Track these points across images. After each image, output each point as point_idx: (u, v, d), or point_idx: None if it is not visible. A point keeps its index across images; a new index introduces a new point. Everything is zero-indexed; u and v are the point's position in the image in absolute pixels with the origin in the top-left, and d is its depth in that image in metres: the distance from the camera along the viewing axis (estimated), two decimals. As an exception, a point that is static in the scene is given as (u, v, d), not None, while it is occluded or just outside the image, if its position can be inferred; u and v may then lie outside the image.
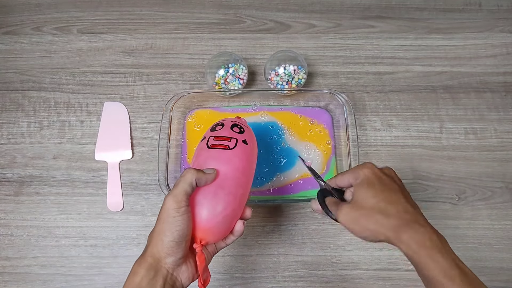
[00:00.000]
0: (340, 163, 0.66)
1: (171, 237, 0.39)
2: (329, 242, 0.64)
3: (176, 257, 0.40)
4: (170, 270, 0.40)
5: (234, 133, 0.48)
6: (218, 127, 0.50)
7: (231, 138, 0.47)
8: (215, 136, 0.48)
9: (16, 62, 0.75)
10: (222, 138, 0.47)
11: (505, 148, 0.69)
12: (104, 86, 0.73)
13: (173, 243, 0.39)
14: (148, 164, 0.68)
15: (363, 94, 0.72)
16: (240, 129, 0.50)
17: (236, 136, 0.48)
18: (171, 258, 0.40)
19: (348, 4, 0.79)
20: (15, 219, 0.65)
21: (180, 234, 0.40)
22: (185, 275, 0.41)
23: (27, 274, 0.63)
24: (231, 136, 0.48)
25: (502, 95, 0.72)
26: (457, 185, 0.67)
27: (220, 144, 0.46)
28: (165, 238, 0.40)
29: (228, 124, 0.50)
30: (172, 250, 0.40)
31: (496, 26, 0.77)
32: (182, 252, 0.40)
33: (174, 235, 0.39)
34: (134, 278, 0.39)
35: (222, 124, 0.50)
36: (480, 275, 0.62)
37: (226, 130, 0.49)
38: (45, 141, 0.70)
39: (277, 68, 0.68)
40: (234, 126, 0.50)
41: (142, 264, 0.40)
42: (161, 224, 0.40)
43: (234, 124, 0.50)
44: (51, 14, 0.78)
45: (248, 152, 0.48)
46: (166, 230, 0.40)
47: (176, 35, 0.77)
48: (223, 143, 0.46)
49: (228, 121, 0.51)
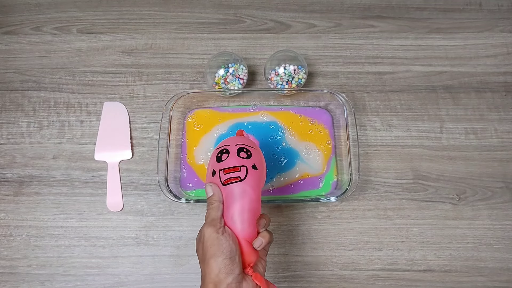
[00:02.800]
0: (340, 163, 0.66)
1: (223, 256, 0.41)
2: (329, 242, 0.64)
3: (234, 273, 0.41)
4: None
5: (242, 160, 0.46)
6: (224, 156, 0.47)
7: (240, 167, 0.45)
8: (224, 169, 0.46)
9: (16, 62, 0.75)
10: (231, 169, 0.45)
11: (506, 148, 0.69)
12: (104, 86, 0.73)
13: (228, 261, 0.41)
14: (148, 164, 0.68)
15: (363, 94, 0.72)
16: (247, 153, 0.47)
17: (244, 163, 0.46)
18: (231, 276, 0.41)
19: (348, 4, 0.79)
20: (15, 219, 0.65)
21: (229, 250, 0.42)
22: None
23: (27, 274, 0.62)
24: (240, 164, 0.46)
25: (502, 95, 0.72)
26: (457, 185, 0.67)
27: (232, 178, 0.45)
28: (218, 259, 0.41)
29: (234, 150, 0.47)
30: (229, 268, 0.41)
31: (497, 26, 0.77)
32: (239, 268, 0.42)
33: (225, 253, 0.42)
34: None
35: (227, 151, 0.47)
36: (480, 275, 0.62)
37: (233, 158, 0.46)
38: (45, 141, 0.70)
39: (277, 68, 0.68)
40: (241, 151, 0.47)
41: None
42: (209, 250, 0.42)
43: (240, 149, 0.47)
44: (51, 14, 0.78)
45: (258, 177, 0.47)
46: (216, 252, 0.42)
47: (176, 35, 0.77)
48: (234, 175, 0.45)
49: (233, 146, 0.47)
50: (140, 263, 0.63)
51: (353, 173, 0.61)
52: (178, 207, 0.66)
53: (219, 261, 0.41)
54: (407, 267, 0.62)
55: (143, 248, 0.64)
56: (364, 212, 0.65)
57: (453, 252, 0.63)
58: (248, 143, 0.49)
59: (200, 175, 0.66)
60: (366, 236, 0.64)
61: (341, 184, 0.64)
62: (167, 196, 0.60)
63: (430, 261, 0.63)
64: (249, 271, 0.43)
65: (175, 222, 0.65)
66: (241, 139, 0.50)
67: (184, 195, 0.64)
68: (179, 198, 0.61)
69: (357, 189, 0.66)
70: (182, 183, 0.66)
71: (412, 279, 0.62)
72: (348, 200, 0.66)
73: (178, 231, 0.64)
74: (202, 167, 0.66)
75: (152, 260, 0.63)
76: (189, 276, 0.62)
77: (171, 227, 0.65)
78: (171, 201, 0.64)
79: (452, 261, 0.63)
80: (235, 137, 0.51)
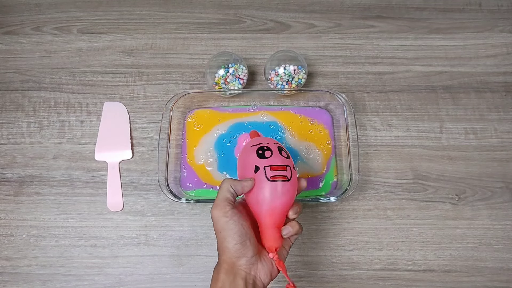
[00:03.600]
0: (340, 163, 0.66)
1: (233, 241, 0.42)
2: (329, 242, 0.64)
3: (247, 256, 0.42)
4: (247, 269, 0.42)
5: (285, 160, 0.46)
6: (267, 153, 0.46)
7: (287, 166, 0.45)
8: (271, 166, 0.45)
9: (16, 62, 0.75)
10: (279, 168, 0.45)
11: (505, 148, 0.69)
12: (104, 86, 0.73)
13: (239, 245, 0.42)
14: (148, 164, 0.68)
15: (363, 94, 0.72)
16: (287, 154, 0.47)
17: (288, 163, 0.46)
18: (243, 259, 0.42)
19: (348, 4, 0.79)
20: (15, 219, 0.65)
21: (239, 235, 0.42)
22: (263, 272, 0.43)
23: (27, 274, 0.63)
24: (285, 164, 0.45)
25: (502, 95, 0.72)
26: (457, 185, 0.67)
27: (280, 176, 0.44)
28: (229, 244, 0.42)
29: (275, 149, 0.46)
30: (241, 252, 0.42)
31: (496, 26, 0.77)
32: (252, 251, 0.42)
33: (235, 238, 0.42)
34: (216, 285, 0.42)
35: (269, 149, 0.46)
36: (480, 275, 0.62)
37: (277, 157, 0.46)
38: (45, 141, 0.70)
39: (277, 68, 0.68)
40: (281, 151, 0.47)
41: (221, 271, 0.42)
42: (219, 234, 0.43)
43: (280, 148, 0.47)
44: (51, 14, 0.78)
45: (296, 178, 0.47)
46: (226, 237, 0.42)
47: (176, 35, 0.77)
48: (282, 174, 0.44)
49: (271, 144, 0.47)
50: (140, 263, 0.63)
51: (353, 173, 0.61)
52: (178, 207, 0.66)
53: (230, 246, 0.42)
54: (407, 267, 0.63)
55: (143, 248, 0.64)
56: (364, 212, 0.65)
57: (453, 252, 0.63)
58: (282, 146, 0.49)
59: (200, 175, 0.66)
60: (366, 236, 0.64)
61: (341, 184, 0.64)
62: (167, 196, 0.61)
63: (430, 261, 0.63)
64: (274, 256, 0.44)
65: (175, 222, 0.65)
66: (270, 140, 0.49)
67: (184, 195, 0.64)
68: (179, 198, 0.61)
69: (357, 189, 0.66)
70: (182, 183, 0.66)
71: (412, 279, 0.62)
72: (348, 200, 0.66)
73: (178, 231, 0.64)
74: (202, 167, 0.66)
75: (152, 260, 0.63)
76: (189, 276, 0.62)
77: (171, 227, 0.65)
78: (171, 201, 0.64)
79: (452, 261, 0.63)
80: (264, 138, 0.51)
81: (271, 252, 0.44)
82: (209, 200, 0.65)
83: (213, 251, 0.63)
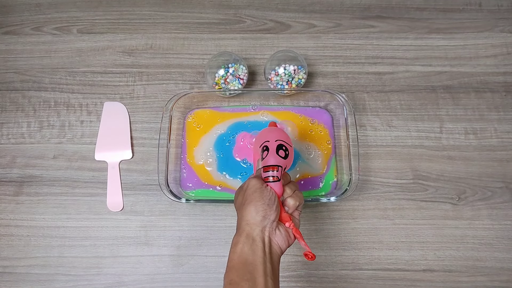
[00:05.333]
0: (340, 163, 0.66)
1: (262, 201, 0.45)
2: (329, 242, 0.64)
3: (270, 219, 0.45)
4: (267, 233, 0.45)
5: (279, 159, 0.48)
6: (265, 153, 0.49)
7: (279, 167, 0.48)
8: (264, 167, 0.48)
9: (16, 62, 0.75)
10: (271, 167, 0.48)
11: (505, 148, 0.69)
12: (104, 86, 0.73)
13: (266, 206, 0.45)
14: (148, 164, 0.68)
15: (363, 94, 0.72)
16: (285, 152, 0.49)
17: (281, 163, 0.48)
18: (266, 220, 0.45)
19: (348, 4, 0.79)
20: (15, 219, 0.65)
21: (269, 198, 0.46)
22: (280, 239, 0.46)
23: (27, 274, 0.63)
24: (278, 164, 0.48)
25: (502, 95, 0.72)
26: (457, 185, 0.67)
27: (272, 177, 0.47)
28: (258, 203, 0.45)
29: (273, 147, 0.49)
30: (267, 212, 0.45)
31: (496, 26, 0.77)
32: (274, 215, 0.46)
33: (265, 200, 0.46)
34: (236, 248, 0.44)
35: (267, 148, 0.49)
36: (480, 275, 0.62)
37: (272, 157, 0.48)
38: (45, 141, 0.70)
39: (277, 68, 0.68)
40: (280, 149, 0.49)
41: (241, 234, 0.45)
42: (250, 196, 0.46)
43: (280, 146, 0.49)
44: (51, 14, 0.78)
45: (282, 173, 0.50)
46: (257, 197, 0.46)
47: (176, 35, 0.77)
48: (273, 175, 0.47)
49: (272, 142, 0.50)
50: (140, 263, 0.63)
51: (353, 173, 0.61)
52: (178, 207, 0.66)
53: (258, 205, 0.45)
54: (407, 267, 0.63)
55: (143, 248, 0.64)
56: (364, 212, 0.65)
57: (453, 252, 0.63)
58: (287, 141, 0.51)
59: (200, 175, 0.66)
60: (366, 236, 0.64)
61: (341, 184, 0.64)
62: (167, 196, 0.61)
63: (430, 261, 0.63)
64: (290, 224, 0.47)
65: (175, 222, 0.65)
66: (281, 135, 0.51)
67: (184, 195, 0.64)
68: (179, 198, 0.61)
69: (357, 189, 0.66)
70: (182, 183, 0.66)
71: (412, 279, 0.62)
72: (348, 200, 0.66)
73: (178, 231, 0.64)
74: (202, 167, 0.66)
75: (152, 260, 0.63)
76: (189, 276, 0.62)
77: (171, 227, 0.65)
78: (171, 201, 0.64)
79: (452, 261, 0.63)
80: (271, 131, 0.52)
81: (287, 222, 0.48)
82: (209, 200, 0.65)
83: (213, 251, 0.63)
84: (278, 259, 0.46)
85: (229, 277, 0.43)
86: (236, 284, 0.41)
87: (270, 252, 0.44)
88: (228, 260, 0.44)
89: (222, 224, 0.65)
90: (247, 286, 0.41)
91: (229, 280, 0.42)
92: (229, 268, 0.43)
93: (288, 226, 0.47)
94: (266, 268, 0.43)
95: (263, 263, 0.43)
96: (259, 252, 0.43)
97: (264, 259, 0.43)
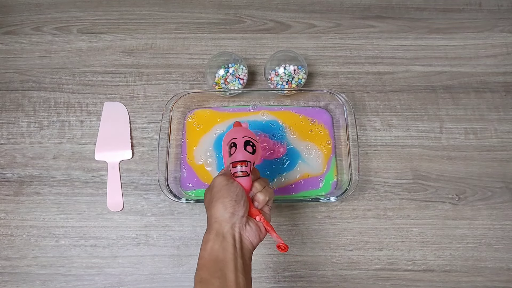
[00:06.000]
0: (340, 163, 0.66)
1: (229, 198, 0.45)
2: (329, 242, 0.64)
3: (238, 215, 0.45)
4: (237, 229, 0.45)
5: (247, 155, 0.49)
6: (232, 150, 0.50)
7: (247, 162, 0.49)
8: (233, 163, 0.49)
9: (16, 62, 0.75)
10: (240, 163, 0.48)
11: (505, 148, 0.69)
12: (104, 86, 0.73)
13: (234, 202, 0.45)
14: (148, 164, 0.68)
15: (363, 94, 0.72)
16: (253, 148, 0.50)
17: (249, 159, 0.49)
18: (235, 217, 0.45)
19: (348, 4, 0.79)
20: (15, 219, 0.65)
21: (236, 194, 0.46)
22: (251, 234, 0.46)
23: (27, 274, 0.63)
24: (246, 159, 0.49)
25: (502, 95, 0.72)
26: (457, 185, 0.67)
27: (241, 172, 0.48)
28: (225, 200, 0.45)
29: (241, 143, 0.50)
30: (234, 208, 0.45)
31: (496, 26, 0.77)
32: (243, 211, 0.46)
33: (232, 196, 0.46)
34: (206, 246, 0.44)
35: (235, 145, 0.50)
36: (480, 275, 0.62)
37: (240, 152, 0.49)
38: (45, 141, 0.70)
39: (277, 68, 0.68)
40: (247, 145, 0.50)
41: (211, 232, 0.45)
42: (217, 194, 0.46)
43: (247, 142, 0.50)
44: (51, 14, 0.78)
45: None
46: (224, 194, 0.46)
47: (176, 35, 0.77)
48: (242, 169, 0.48)
49: (240, 139, 0.50)
50: (140, 263, 0.63)
51: (353, 173, 0.61)
52: (178, 207, 0.66)
53: (225, 202, 0.45)
54: (407, 267, 0.63)
55: (143, 248, 0.64)
56: (364, 212, 0.65)
57: (453, 252, 0.63)
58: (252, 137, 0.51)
59: (200, 175, 0.66)
60: (366, 236, 0.64)
61: (341, 184, 0.64)
62: (167, 196, 0.61)
63: (430, 261, 0.63)
64: (260, 218, 0.48)
65: (175, 222, 0.65)
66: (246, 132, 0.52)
67: (184, 195, 0.64)
68: (179, 198, 0.61)
69: (357, 189, 0.66)
70: (182, 183, 0.66)
71: (412, 279, 0.62)
72: (348, 200, 0.66)
73: (178, 231, 0.64)
74: (202, 167, 0.66)
75: (152, 260, 0.63)
76: (189, 276, 0.62)
77: (171, 227, 0.65)
78: (171, 201, 0.64)
79: (452, 261, 0.63)
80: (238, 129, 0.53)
81: (257, 216, 0.48)
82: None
83: (213, 251, 0.63)
84: (250, 254, 0.46)
85: (200, 275, 0.43)
86: (206, 281, 0.42)
87: (241, 248, 0.45)
88: (198, 259, 0.44)
89: (222, 224, 0.65)
90: (218, 283, 0.41)
91: (200, 278, 0.42)
92: (199, 267, 0.43)
93: (258, 219, 0.48)
94: (237, 264, 0.43)
95: (234, 260, 0.43)
96: (229, 249, 0.43)
97: (235, 255, 0.43)
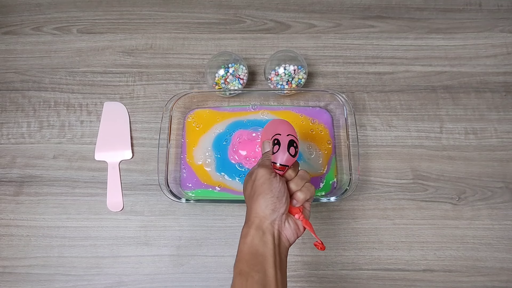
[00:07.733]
0: (340, 163, 0.66)
1: (271, 194, 0.45)
2: (329, 242, 0.64)
3: (279, 212, 0.45)
4: (276, 226, 0.45)
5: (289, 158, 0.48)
6: (275, 148, 0.48)
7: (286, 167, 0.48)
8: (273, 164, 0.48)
9: (16, 62, 0.75)
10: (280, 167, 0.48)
11: (505, 148, 0.69)
12: (104, 86, 0.73)
13: (275, 199, 0.45)
14: (148, 164, 0.68)
15: (363, 94, 0.72)
16: (295, 149, 0.49)
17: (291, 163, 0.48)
18: (276, 213, 0.45)
19: (348, 4, 0.79)
20: (15, 219, 0.65)
21: (278, 190, 0.45)
22: (289, 232, 0.46)
23: (27, 274, 0.63)
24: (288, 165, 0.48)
25: (502, 95, 0.72)
26: (457, 185, 0.67)
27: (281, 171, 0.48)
28: (267, 196, 0.45)
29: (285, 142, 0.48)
30: (276, 205, 0.45)
31: (496, 26, 0.77)
32: (284, 208, 0.45)
33: (274, 193, 0.45)
34: (246, 239, 0.44)
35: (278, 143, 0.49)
36: (480, 275, 0.62)
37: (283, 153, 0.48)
38: (45, 141, 0.70)
39: (277, 68, 0.68)
40: (291, 146, 0.48)
41: (251, 226, 0.44)
42: (259, 188, 0.46)
43: (291, 142, 0.48)
44: (51, 14, 0.78)
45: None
46: (266, 190, 0.45)
47: (176, 35, 0.77)
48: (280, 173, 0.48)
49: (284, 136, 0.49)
50: (140, 263, 0.63)
51: (353, 173, 0.61)
52: (178, 207, 0.66)
53: (267, 198, 0.45)
54: (407, 267, 0.63)
55: (143, 248, 0.64)
56: (364, 212, 0.65)
57: (453, 252, 0.63)
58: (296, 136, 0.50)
59: (199, 175, 0.66)
60: (366, 236, 0.64)
61: (341, 184, 0.64)
62: (167, 196, 0.61)
63: (430, 261, 0.63)
64: (300, 216, 0.47)
65: (175, 222, 0.65)
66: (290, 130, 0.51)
67: (184, 195, 0.64)
68: (179, 198, 0.61)
69: (357, 189, 0.66)
70: (182, 183, 0.66)
71: (412, 279, 0.62)
72: (348, 200, 0.66)
73: (178, 231, 0.64)
74: (201, 168, 0.66)
75: (152, 260, 0.63)
76: (189, 276, 0.62)
77: (171, 227, 0.65)
78: (171, 201, 0.64)
79: (452, 261, 0.63)
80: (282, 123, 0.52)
81: (297, 214, 0.48)
82: (209, 200, 0.65)
83: (213, 251, 0.63)
84: (286, 252, 0.46)
85: (239, 267, 0.43)
86: (246, 274, 0.42)
87: (279, 244, 0.44)
88: (238, 251, 0.44)
89: (222, 224, 0.65)
90: (258, 277, 0.41)
91: (239, 270, 0.42)
92: (239, 259, 0.43)
93: (298, 218, 0.47)
94: (276, 260, 0.43)
95: (273, 255, 0.43)
96: (269, 244, 0.43)
97: (274, 251, 0.43)
